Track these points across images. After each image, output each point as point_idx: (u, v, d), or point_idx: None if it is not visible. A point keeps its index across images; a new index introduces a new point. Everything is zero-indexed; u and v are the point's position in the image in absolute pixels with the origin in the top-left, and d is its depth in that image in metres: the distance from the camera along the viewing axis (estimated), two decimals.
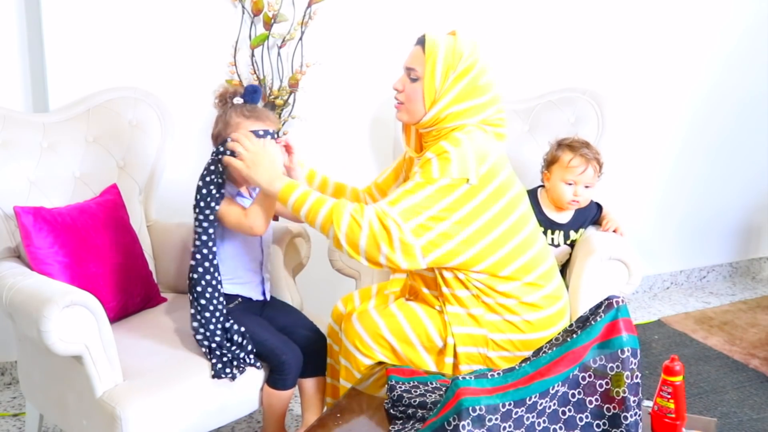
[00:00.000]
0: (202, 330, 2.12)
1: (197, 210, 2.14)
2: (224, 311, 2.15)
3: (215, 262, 2.15)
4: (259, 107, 2.21)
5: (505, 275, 2.09)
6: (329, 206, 2.00)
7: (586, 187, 2.47)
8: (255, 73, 2.88)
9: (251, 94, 2.20)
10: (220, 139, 2.16)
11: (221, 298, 2.15)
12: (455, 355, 2.09)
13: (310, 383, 2.28)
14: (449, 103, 2.06)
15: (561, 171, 2.47)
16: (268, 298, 2.33)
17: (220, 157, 2.13)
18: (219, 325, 2.13)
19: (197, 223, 2.15)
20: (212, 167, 2.14)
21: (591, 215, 2.56)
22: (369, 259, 1.99)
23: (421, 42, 2.10)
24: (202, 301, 2.12)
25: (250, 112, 2.16)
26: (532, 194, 2.51)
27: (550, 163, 2.51)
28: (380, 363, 2.09)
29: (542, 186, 2.56)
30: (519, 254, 2.10)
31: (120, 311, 2.34)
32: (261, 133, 2.12)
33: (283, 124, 2.92)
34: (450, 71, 2.06)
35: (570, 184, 2.47)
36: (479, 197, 2.02)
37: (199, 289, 2.13)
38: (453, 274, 2.09)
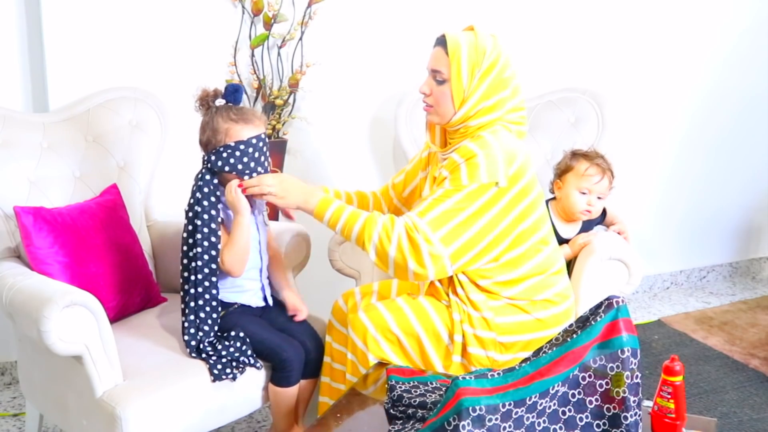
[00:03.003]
0: (197, 336, 2.13)
1: (195, 216, 2.12)
2: (218, 319, 2.16)
3: (213, 267, 2.14)
4: (245, 107, 2.18)
5: (520, 275, 2.10)
6: (362, 222, 2.05)
7: (599, 198, 2.46)
8: (255, 73, 2.88)
9: (233, 93, 2.16)
10: (210, 146, 2.14)
11: (218, 307, 2.17)
12: (465, 355, 2.09)
13: (301, 385, 2.25)
14: (478, 100, 2.07)
15: (576, 179, 2.45)
16: (270, 303, 2.32)
17: (209, 166, 2.13)
18: (212, 331, 2.15)
19: (195, 227, 2.13)
20: (207, 177, 2.14)
21: (596, 221, 2.56)
22: (398, 275, 2.04)
23: (442, 42, 2.09)
24: (199, 303, 2.14)
25: (237, 114, 2.13)
26: None
27: (563, 171, 2.48)
28: (381, 364, 2.09)
29: (552, 199, 2.54)
30: (536, 252, 2.12)
31: (120, 311, 2.34)
32: (254, 141, 2.12)
33: (282, 124, 2.92)
34: (476, 69, 2.06)
35: (584, 194, 2.44)
36: (506, 198, 2.03)
37: (193, 291, 2.14)
38: (468, 278, 2.10)
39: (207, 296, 2.14)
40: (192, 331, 2.13)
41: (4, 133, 2.36)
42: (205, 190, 2.13)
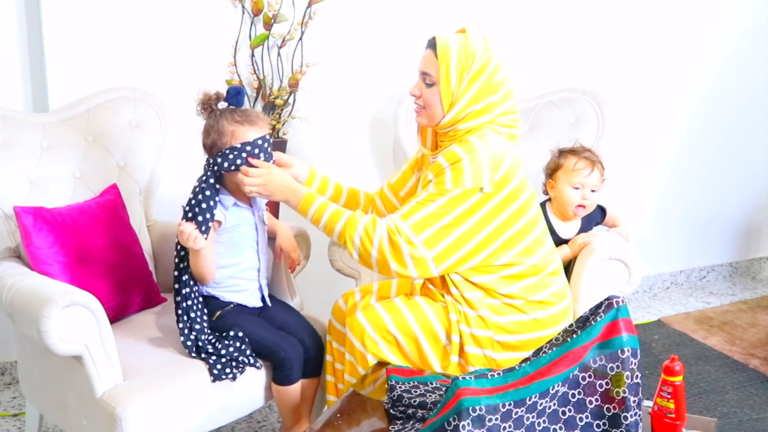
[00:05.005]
0: (191, 336, 2.14)
1: (193, 217, 2.12)
2: (207, 317, 2.18)
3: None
4: (248, 109, 2.19)
5: (514, 274, 2.10)
6: (344, 221, 2.06)
7: (593, 191, 2.46)
8: (255, 73, 2.88)
9: (235, 96, 2.16)
10: (215, 149, 2.14)
11: (204, 309, 2.19)
12: (462, 355, 2.09)
13: (303, 384, 2.26)
14: (467, 104, 2.07)
15: (567, 176, 2.45)
16: (269, 303, 2.33)
17: (216, 168, 2.13)
18: (204, 330, 2.16)
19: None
20: (211, 180, 2.14)
21: (596, 220, 2.56)
22: (382, 273, 2.07)
23: (432, 45, 2.09)
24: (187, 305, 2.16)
25: (241, 116, 2.14)
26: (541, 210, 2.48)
27: (553, 170, 2.49)
28: (381, 364, 2.09)
29: (548, 200, 2.54)
30: (530, 253, 2.12)
31: (120, 311, 2.34)
32: (259, 142, 2.13)
33: (282, 124, 2.92)
34: (465, 72, 2.06)
35: (577, 188, 2.45)
36: (492, 203, 2.03)
37: (184, 291, 2.16)
38: (461, 277, 2.10)
39: (194, 296, 2.16)
40: (186, 331, 2.14)
41: (4, 133, 2.36)
42: (207, 193, 2.13)
